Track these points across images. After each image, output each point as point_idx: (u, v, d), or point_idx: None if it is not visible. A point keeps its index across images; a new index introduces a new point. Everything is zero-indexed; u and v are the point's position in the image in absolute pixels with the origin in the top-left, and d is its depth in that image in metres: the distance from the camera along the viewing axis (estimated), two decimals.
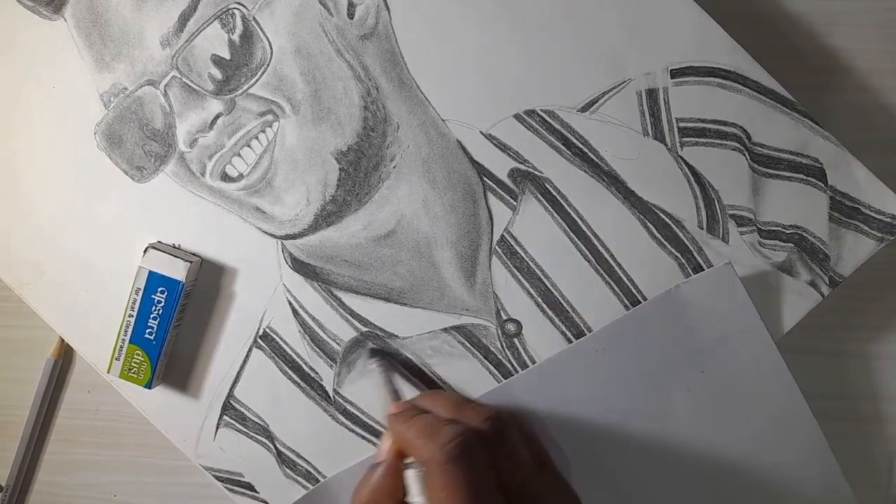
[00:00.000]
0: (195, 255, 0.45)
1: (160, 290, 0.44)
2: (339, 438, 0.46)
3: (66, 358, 0.52)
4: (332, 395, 0.45)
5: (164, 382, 0.46)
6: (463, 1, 0.42)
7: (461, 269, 0.44)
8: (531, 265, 0.43)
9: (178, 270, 0.44)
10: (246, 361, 0.46)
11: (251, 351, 0.46)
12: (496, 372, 0.44)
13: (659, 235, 0.43)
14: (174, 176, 0.45)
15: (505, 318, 0.44)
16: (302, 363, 0.45)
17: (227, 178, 0.44)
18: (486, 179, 0.43)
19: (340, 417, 0.45)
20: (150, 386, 0.45)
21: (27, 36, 0.45)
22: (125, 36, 0.44)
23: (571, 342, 0.43)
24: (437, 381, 0.45)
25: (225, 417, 0.46)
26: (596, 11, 0.42)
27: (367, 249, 0.44)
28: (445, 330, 0.44)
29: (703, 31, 0.41)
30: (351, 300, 0.45)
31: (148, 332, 0.44)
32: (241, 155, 0.44)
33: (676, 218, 0.43)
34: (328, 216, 0.44)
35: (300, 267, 0.45)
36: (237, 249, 0.45)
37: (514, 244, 0.43)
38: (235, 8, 0.43)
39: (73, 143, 0.45)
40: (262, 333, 0.46)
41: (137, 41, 0.43)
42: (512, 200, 0.43)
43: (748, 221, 0.42)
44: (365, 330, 0.45)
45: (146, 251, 0.44)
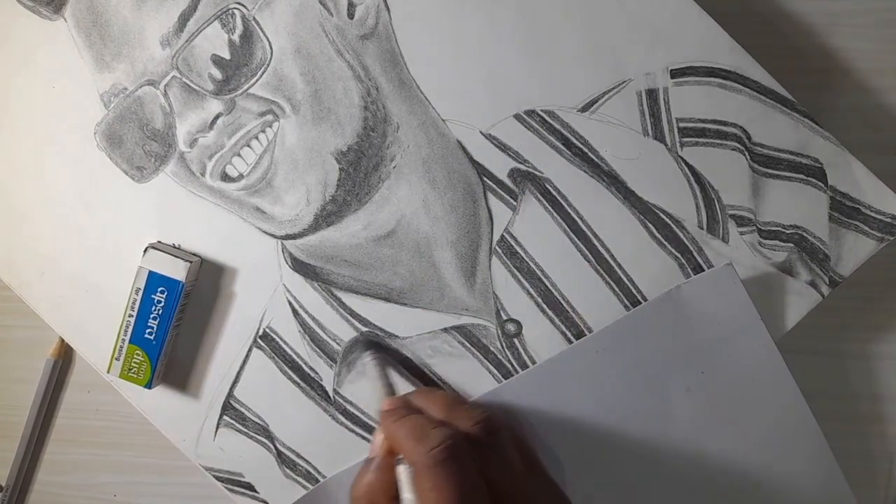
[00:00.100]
0: (195, 255, 0.45)
1: (160, 290, 0.44)
2: (339, 438, 0.46)
3: (66, 358, 0.52)
4: (332, 395, 0.45)
5: (164, 382, 0.46)
6: (463, 1, 0.42)
7: (461, 269, 0.44)
8: (531, 265, 0.43)
9: (178, 270, 0.44)
10: (246, 361, 0.46)
11: (251, 351, 0.46)
12: (496, 372, 0.44)
13: (659, 235, 0.43)
14: (174, 176, 0.45)
15: (505, 318, 0.44)
16: (302, 363, 0.45)
17: (227, 178, 0.44)
18: (486, 179, 0.43)
19: (340, 417, 0.45)
20: (150, 386, 0.45)
21: (27, 36, 0.45)
22: (125, 36, 0.44)
23: (571, 342, 0.43)
24: (435, 379, 0.45)
25: (225, 417, 0.46)
26: (596, 11, 0.42)
27: (367, 249, 0.44)
28: (445, 330, 0.44)
29: (703, 31, 0.41)
30: (351, 300, 0.45)
31: (148, 332, 0.44)
32: (241, 155, 0.44)
33: (676, 218, 0.43)
34: (328, 216, 0.44)
35: (300, 267, 0.45)
36: (237, 249, 0.45)
37: (514, 244, 0.43)
38: (235, 8, 0.43)
39: (73, 143, 0.45)
40: (262, 333, 0.46)
41: (137, 41, 0.43)
42: (512, 200, 0.43)
43: (748, 221, 0.42)
44: (365, 330, 0.45)
45: (146, 251, 0.44)
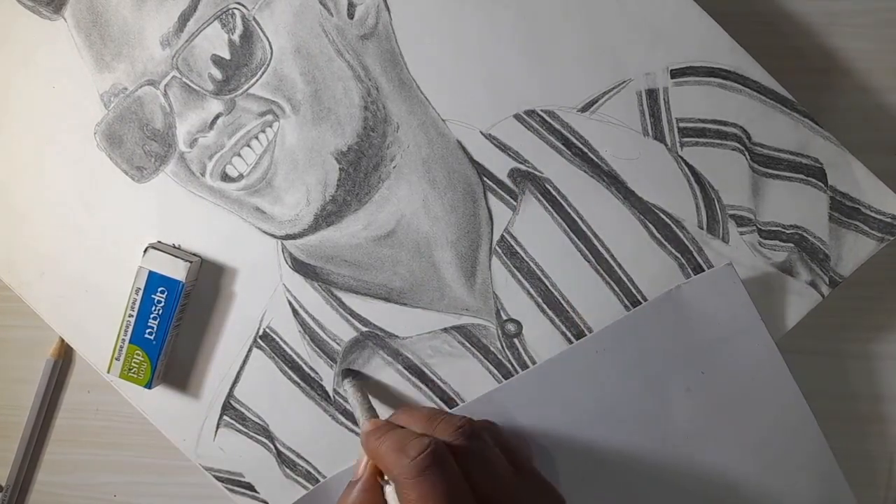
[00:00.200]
0: (195, 255, 0.45)
1: (160, 290, 0.44)
2: (339, 438, 0.46)
3: (66, 358, 0.52)
4: (332, 395, 0.45)
5: (164, 382, 0.46)
6: (463, 1, 0.42)
7: (461, 269, 0.44)
8: (531, 265, 0.43)
9: (178, 270, 0.44)
10: (246, 361, 0.46)
11: (251, 351, 0.46)
12: (496, 372, 0.44)
13: (659, 235, 0.43)
14: (174, 176, 0.45)
15: (505, 318, 0.44)
16: (302, 363, 0.45)
17: (227, 178, 0.44)
18: (486, 179, 0.43)
19: (340, 417, 0.45)
20: (150, 386, 0.45)
21: (27, 36, 0.45)
22: (125, 36, 0.44)
23: (571, 342, 0.43)
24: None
25: (225, 417, 0.46)
26: (596, 11, 0.42)
27: (367, 249, 0.44)
28: (445, 330, 0.44)
29: (703, 31, 0.41)
30: (351, 300, 0.45)
31: (148, 332, 0.44)
32: (241, 155, 0.44)
33: (676, 218, 0.43)
34: (328, 216, 0.44)
35: (300, 267, 0.45)
36: (237, 249, 0.45)
37: (514, 244, 0.43)
38: (235, 8, 0.43)
39: (73, 143, 0.45)
40: (262, 333, 0.46)
41: (137, 41, 0.43)
42: (512, 200, 0.43)
43: (748, 221, 0.42)
44: (365, 330, 0.45)
45: (146, 251, 0.44)
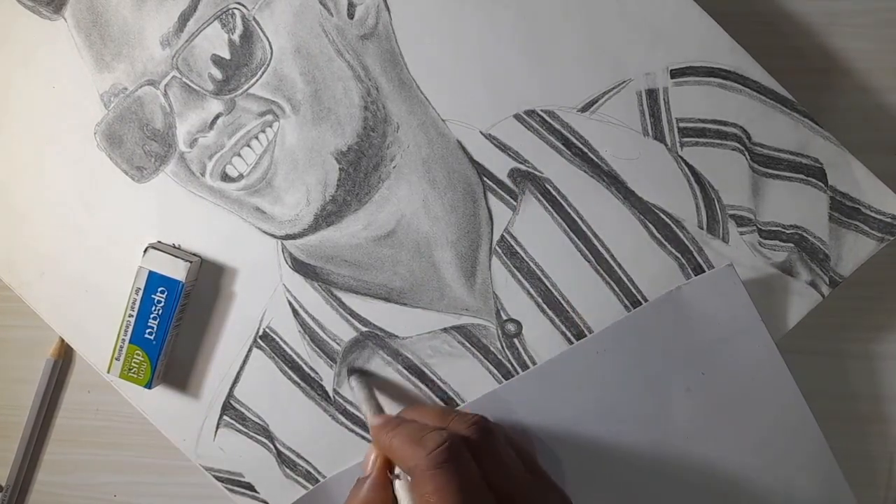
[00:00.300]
0: (195, 255, 0.45)
1: (160, 290, 0.44)
2: (339, 438, 0.46)
3: (66, 358, 0.52)
4: (332, 395, 0.45)
5: (164, 382, 0.46)
6: (463, 1, 0.42)
7: (461, 269, 0.44)
8: (531, 265, 0.43)
9: (178, 270, 0.44)
10: (246, 361, 0.46)
11: (251, 351, 0.46)
12: (496, 372, 0.44)
13: (659, 235, 0.43)
14: (174, 176, 0.45)
15: (505, 318, 0.44)
16: (302, 363, 0.45)
17: (227, 178, 0.44)
18: (486, 179, 0.43)
19: (340, 417, 0.45)
20: (150, 386, 0.45)
21: (27, 36, 0.45)
22: (125, 36, 0.44)
23: (571, 342, 0.43)
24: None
25: (225, 417, 0.46)
26: (596, 11, 0.42)
27: (367, 249, 0.44)
28: (445, 330, 0.44)
29: (703, 31, 0.41)
30: (351, 300, 0.45)
31: (148, 332, 0.44)
32: (241, 155, 0.44)
33: (676, 218, 0.43)
34: (328, 216, 0.44)
35: (300, 267, 0.45)
36: (237, 249, 0.45)
37: (514, 244, 0.43)
38: (235, 8, 0.43)
39: (73, 143, 0.45)
40: (262, 333, 0.46)
41: (137, 41, 0.43)
42: (512, 200, 0.43)
43: (748, 221, 0.42)
44: (365, 330, 0.45)
45: (146, 251, 0.44)
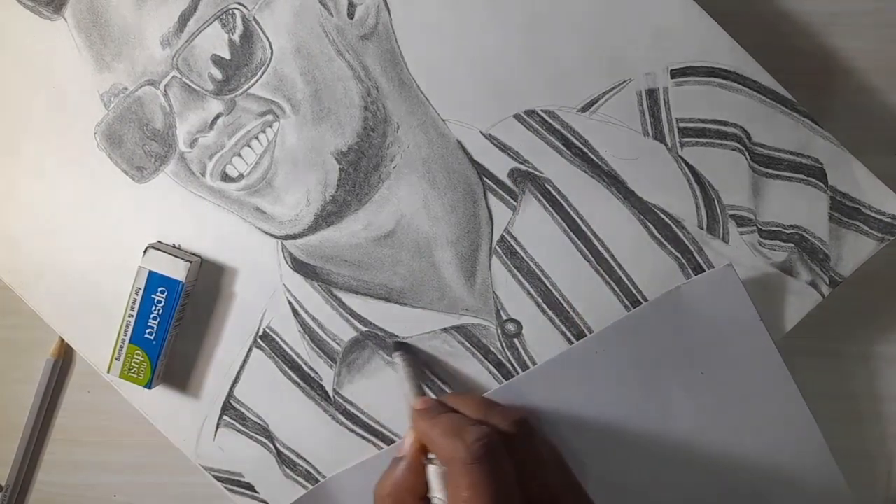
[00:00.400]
0: (195, 255, 0.45)
1: (160, 290, 0.44)
2: (339, 438, 0.46)
3: (66, 358, 0.52)
4: (332, 395, 0.45)
5: (164, 382, 0.46)
6: (463, 1, 0.42)
7: (461, 269, 0.44)
8: (531, 265, 0.43)
9: (178, 270, 0.44)
10: (246, 361, 0.46)
11: (251, 351, 0.46)
12: (496, 372, 0.44)
13: (659, 235, 0.43)
14: (174, 176, 0.45)
15: (505, 318, 0.44)
16: (302, 363, 0.45)
17: (227, 178, 0.44)
18: (486, 179, 0.43)
19: (340, 417, 0.45)
20: (150, 386, 0.45)
21: (27, 36, 0.45)
22: (125, 36, 0.44)
23: (571, 342, 0.43)
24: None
25: (225, 417, 0.46)
26: (596, 11, 0.42)
27: (367, 249, 0.44)
28: (445, 330, 0.44)
29: (703, 31, 0.41)
30: (351, 300, 0.45)
31: (148, 332, 0.44)
32: (241, 155, 0.44)
33: (676, 218, 0.43)
34: (328, 216, 0.44)
35: (300, 267, 0.45)
36: (237, 249, 0.45)
37: (514, 244, 0.43)
38: (235, 8, 0.43)
39: (73, 143, 0.45)
40: (262, 333, 0.46)
41: (137, 41, 0.43)
42: (512, 200, 0.43)
43: (748, 221, 0.42)
44: (365, 330, 0.45)
45: (146, 251, 0.44)
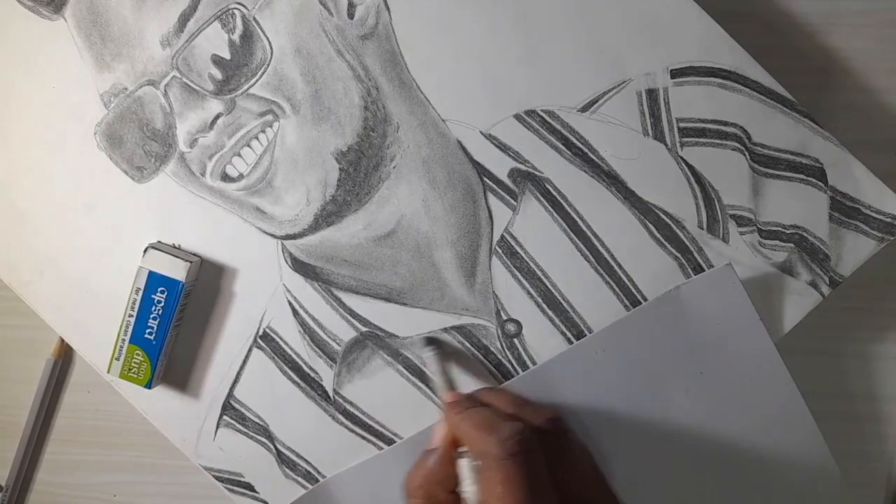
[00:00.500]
0: (195, 255, 0.45)
1: (160, 290, 0.44)
2: (339, 438, 0.46)
3: (66, 358, 0.52)
4: (332, 395, 0.45)
5: (164, 382, 0.46)
6: (463, 1, 0.42)
7: (461, 269, 0.44)
8: (531, 265, 0.43)
9: (178, 270, 0.44)
10: (246, 361, 0.46)
11: (251, 351, 0.46)
12: (496, 372, 0.44)
13: (659, 235, 0.43)
14: (174, 176, 0.45)
15: (505, 318, 0.44)
16: (302, 363, 0.45)
17: (227, 178, 0.44)
18: (486, 179, 0.43)
19: (340, 417, 0.45)
20: (150, 386, 0.45)
21: (27, 36, 0.45)
22: (125, 36, 0.44)
23: (571, 342, 0.43)
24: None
25: (225, 417, 0.46)
26: (596, 11, 0.42)
27: (367, 249, 0.44)
28: (445, 330, 0.44)
29: (703, 31, 0.41)
30: (351, 300, 0.45)
31: (148, 332, 0.44)
32: (241, 155, 0.44)
33: (676, 218, 0.43)
34: (328, 216, 0.44)
35: (300, 267, 0.45)
36: (237, 249, 0.45)
37: (514, 244, 0.43)
38: (235, 8, 0.43)
39: (73, 143, 0.45)
40: (262, 333, 0.46)
41: (137, 41, 0.43)
42: (512, 200, 0.43)
43: (748, 221, 0.42)
44: (365, 330, 0.45)
45: (146, 251, 0.44)
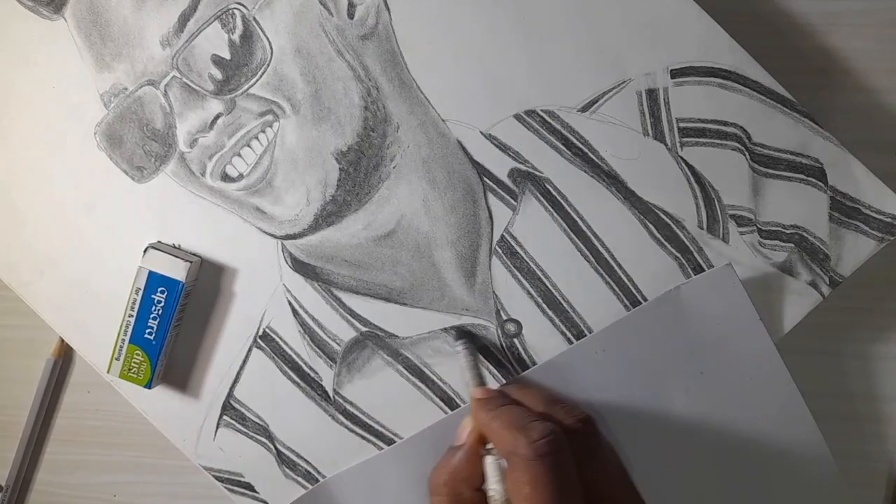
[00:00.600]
0: (195, 255, 0.45)
1: (160, 290, 0.44)
2: (339, 438, 0.46)
3: (66, 358, 0.52)
4: (332, 395, 0.45)
5: (164, 382, 0.46)
6: (463, 1, 0.42)
7: (461, 269, 0.44)
8: (531, 265, 0.43)
9: (178, 270, 0.44)
10: (246, 361, 0.46)
11: (251, 351, 0.46)
12: (496, 372, 0.44)
13: (659, 235, 0.43)
14: (174, 176, 0.45)
15: (505, 318, 0.44)
16: (302, 363, 0.45)
17: (227, 178, 0.44)
18: (486, 179, 0.43)
19: (340, 417, 0.45)
20: (150, 386, 0.45)
21: (27, 36, 0.45)
22: (125, 36, 0.44)
23: (571, 342, 0.43)
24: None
25: (225, 417, 0.46)
26: (596, 11, 0.42)
27: (367, 249, 0.44)
28: (445, 330, 0.44)
29: (703, 31, 0.41)
30: (351, 300, 0.45)
31: (148, 332, 0.44)
32: (241, 155, 0.44)
33: (676, 218, 0.43)
34: (328, 216, 0.44)
35: (300, 267, 0.45)
36: (237, 249, 0.45)
37: (514, 244, 0.43)
38: (235, 8, 0.43)
39: (73, 143, 0.45)
40: (262, 333, 0.46)
41: (137, 41, 0.43)
42: (512, 200, 0.43)
43: (748, 221, 0.42)
44: (365, 330, 0.45)
45: (146, 251, 0.44)
